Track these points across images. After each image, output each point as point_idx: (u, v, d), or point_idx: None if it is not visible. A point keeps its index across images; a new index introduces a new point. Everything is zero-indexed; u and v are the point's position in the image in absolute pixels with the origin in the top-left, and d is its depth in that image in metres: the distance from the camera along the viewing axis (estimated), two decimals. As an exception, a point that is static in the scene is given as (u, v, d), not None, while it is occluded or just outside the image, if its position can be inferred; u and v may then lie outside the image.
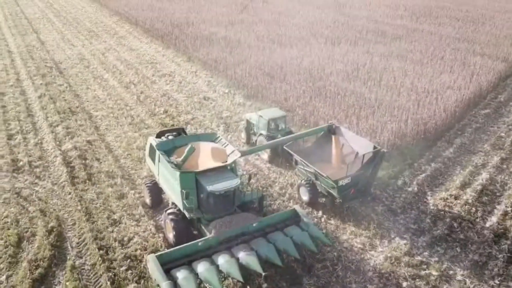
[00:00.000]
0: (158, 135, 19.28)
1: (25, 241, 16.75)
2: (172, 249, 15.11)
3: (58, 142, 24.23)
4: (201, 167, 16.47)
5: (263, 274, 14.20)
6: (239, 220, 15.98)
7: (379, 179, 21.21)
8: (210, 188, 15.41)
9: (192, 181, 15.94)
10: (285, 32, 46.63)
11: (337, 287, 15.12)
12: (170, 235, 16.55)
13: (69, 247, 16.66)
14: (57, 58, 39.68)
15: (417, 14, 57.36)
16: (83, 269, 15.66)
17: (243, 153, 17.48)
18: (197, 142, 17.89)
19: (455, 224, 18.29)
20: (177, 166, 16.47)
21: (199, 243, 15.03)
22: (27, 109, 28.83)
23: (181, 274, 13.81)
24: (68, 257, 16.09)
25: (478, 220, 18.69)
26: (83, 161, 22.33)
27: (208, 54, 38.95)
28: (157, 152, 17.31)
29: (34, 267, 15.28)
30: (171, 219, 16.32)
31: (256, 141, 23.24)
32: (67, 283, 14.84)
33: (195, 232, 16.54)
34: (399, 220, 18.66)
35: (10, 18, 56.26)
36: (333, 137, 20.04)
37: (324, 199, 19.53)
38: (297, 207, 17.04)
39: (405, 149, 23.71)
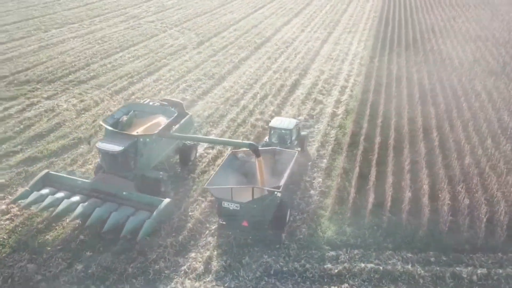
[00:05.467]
0: (160, 101, 22.64)
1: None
2: (63, 174, 19.03)
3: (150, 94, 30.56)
4: (133, 132, 18.99)
5: (67, 220, 16.38)
6: (117, 183, 17.88)
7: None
8: (98, 143, 18.00)
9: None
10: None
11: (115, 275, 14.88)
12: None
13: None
14: (268, 35, 45.78)
15: None
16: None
17: (159, 134, 18.51)
18: (155, 113, 20.32)
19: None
20: (120, 124, 19.60)
21: (78, 181, 18.27)
22: (153, 69, 36.10)
23: (42, 191, 17.73)
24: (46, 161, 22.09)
25: None
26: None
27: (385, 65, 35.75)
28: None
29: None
30: (97, 162, 19.96)
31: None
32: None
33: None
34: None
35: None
36: (256, 159, 17.22)
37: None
38: (167, 200, 17.10)
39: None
